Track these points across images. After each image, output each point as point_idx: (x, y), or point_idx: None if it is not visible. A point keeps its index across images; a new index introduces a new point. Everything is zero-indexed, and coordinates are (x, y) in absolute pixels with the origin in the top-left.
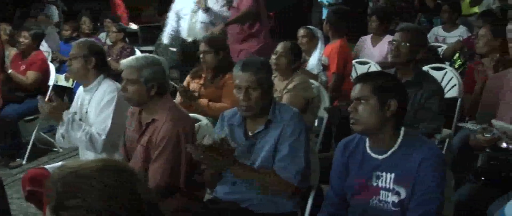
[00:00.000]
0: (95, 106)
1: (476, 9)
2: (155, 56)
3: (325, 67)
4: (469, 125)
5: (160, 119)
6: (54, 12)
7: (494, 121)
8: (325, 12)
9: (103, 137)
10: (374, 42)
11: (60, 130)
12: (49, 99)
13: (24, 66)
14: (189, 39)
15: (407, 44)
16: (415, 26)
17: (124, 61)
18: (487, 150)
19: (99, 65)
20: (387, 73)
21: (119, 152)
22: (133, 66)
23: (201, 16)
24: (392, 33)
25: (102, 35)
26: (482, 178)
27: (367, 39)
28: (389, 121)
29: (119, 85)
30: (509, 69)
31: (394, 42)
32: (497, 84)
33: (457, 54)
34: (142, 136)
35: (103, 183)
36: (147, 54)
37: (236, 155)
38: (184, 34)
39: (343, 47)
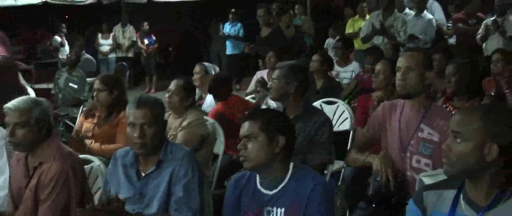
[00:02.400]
0: None
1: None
2: (36, 97)
3: None
4: None
5: (48, 160)
6: None
7: None
8: (229, 46)
9: (6, 191)
10: (270, 77)
11: None
12: None
13: None
14: None
15: (278, 81)
16: (288, 63)
17: (9, 105)
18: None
19: None
20: (274, 110)
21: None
22: (22, 109)
23: None
24: None
25: None
26: (373, 205)
27: (263, 73)
28: (278, 157)
29: (4, 131)
30: (399, 99)
31: (272, 80)
32: (385, 111)
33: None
34: (30, 181)
35: None
36: (29, 96)
37: (130, 196)
38: None
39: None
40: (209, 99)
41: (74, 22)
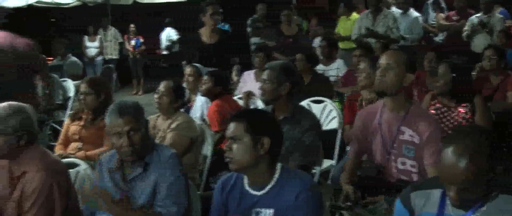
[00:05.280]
0: None
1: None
2: (20, 103)
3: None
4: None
5: (31, 170)
6: None
7: None
8: None
9: None
10: (258, 77)
11: None
12: None
13: None
14: None
15: (271, 83)
16: (279, 64)
17: None
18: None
19: None
20: (260, 111)
21: None
22: None
23: None
24: None
25: None
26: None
27: (250, 74)
28: (264, 158)
29: None
30: (379, 101)
31: (261, 81)
32: (367, 116)
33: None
34: (13, 191)
35: None
36: (11, 102)
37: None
38: None
39: (220, 106)
40: (199, 103)
41: (60, 25)
